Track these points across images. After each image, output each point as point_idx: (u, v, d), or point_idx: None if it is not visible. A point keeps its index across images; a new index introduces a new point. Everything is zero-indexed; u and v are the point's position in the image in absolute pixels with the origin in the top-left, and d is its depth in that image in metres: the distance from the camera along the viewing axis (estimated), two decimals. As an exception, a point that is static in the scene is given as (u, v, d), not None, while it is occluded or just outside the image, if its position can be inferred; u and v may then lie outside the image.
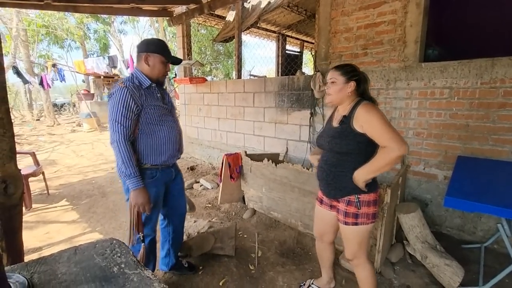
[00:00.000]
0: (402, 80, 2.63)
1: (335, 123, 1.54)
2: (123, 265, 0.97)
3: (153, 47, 1.58)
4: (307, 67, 14.48)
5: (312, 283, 1.97)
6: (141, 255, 1.66)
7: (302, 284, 2.01)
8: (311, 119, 3.39)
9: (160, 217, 1.96)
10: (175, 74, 6.13)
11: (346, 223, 1.52)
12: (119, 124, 1.47)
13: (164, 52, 1.60)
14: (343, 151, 1.46)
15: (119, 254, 1.05)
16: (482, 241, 2.35)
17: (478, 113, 2.29)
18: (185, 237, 2.47)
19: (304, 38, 7.69)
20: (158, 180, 1.67)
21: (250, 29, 6.30)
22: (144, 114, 1.55)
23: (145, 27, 18.77)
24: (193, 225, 2.59)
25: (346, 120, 1.46)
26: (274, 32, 6.93)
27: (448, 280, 1.92)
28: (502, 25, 4.65)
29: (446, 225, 2.57)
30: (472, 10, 4.41)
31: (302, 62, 8.09)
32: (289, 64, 6.25)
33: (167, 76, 1.74)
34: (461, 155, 2.35)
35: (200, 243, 2.34)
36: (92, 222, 3.10)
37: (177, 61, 1.72)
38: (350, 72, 1.48)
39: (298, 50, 8.08)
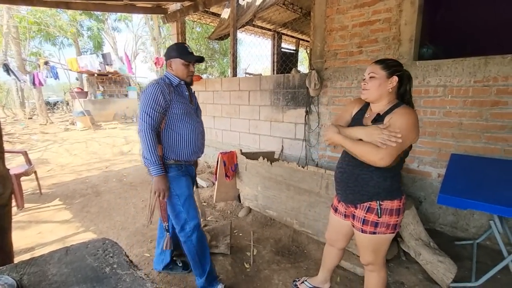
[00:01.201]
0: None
1: (368, 121, 1.41)
2: (115, 266, 0.96)
3: (173, 53, 1.70)
4: (303, 65, 14.48)
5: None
6: (166, 242, 1.84)
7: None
8: (306, 117, 3.39)
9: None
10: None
11: (363, 231, 1.41)
12: (147, 115, 1.58)
13: (183, 55, 1.69)
14: None
15: (111, 255, 1.03)
16: (474, 238, 2.38)
17: (472, 111, 2.31)
18: (180, 236, 2.45)
19: (300, 36, 7.68)
20: (184, 171, 1.77)
21: (245, 27, 6.26)
22: (170, 110, 1.66)
23: (140, 25, 18.56)
24: (188, 224, 2.57)
25: (380, 118, 1.34)
26: (269, 30, 6.90)
27: (441, 277, 1.94)
28: (495, 23, 4.72)
29: (439, 222, 2.59)
30: (466, 9, 4.46)
31: (297, 60, 8.08)
32: (284, 62, 6.24)
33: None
34: (454, 153, 2.37)
35: (195, 242, 2.32)
36: (86, 221, 3.07)
37: (199, 59, 1.77)
38: (393, 66, 1.33)
39: (294, 48, 8.07)
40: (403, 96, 1.39)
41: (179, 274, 2.14)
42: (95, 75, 11.10)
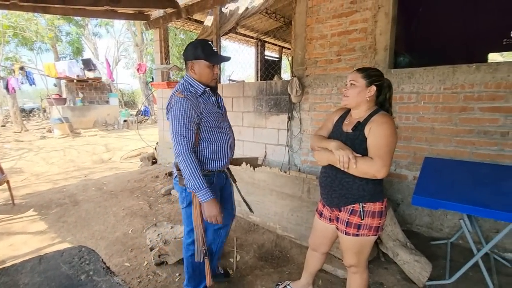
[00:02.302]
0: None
1: (348, 128, 1.46)
2: (91, 273, 0.94)
3: (197, 53, 1.52)
4: (286, 73, 14.73)
5: (289, 285, 1.97)
6: (207, 270, 1.63)
7: (279, 284, 2.02)
8: (289, 123, 3.45)
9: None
10: (152, 78, 6.02)
11: (346, 233, 1.44)
12: (182, 137, 1.45)
13: (208, 56, 1.51)
14: None
15: (87, 262, 1.01)
16: (448, 237, 2.49)
17: (442, 116, 2.45)
18: (161, 244, 2.41)
19: (283, 44, 7.84)
20: (215, 186, 1.65)
21: (228, 34, 6.33)
22: (203, 122, 1.53)
23: (122, 30, 18.30)
24: (169, 231, 2.53)
25: (361, 126, 1.39)
26: (252, 37, 7.01)
27: (417, 276, 2.01)
28: (464, 34, 5.06)
29: (416, 223, 2.69)
30: (438, 22, 4.75)
31: (280, 68, 8.23)
32: (267, 69, 6.34)
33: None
34: (428, 156, 2.48)
35: (177, 249, 2.29)
36: (62, 232, 2.95)
37: (225, 59, 1.66)
38: (373, 76, 1.39)
39: (277, 56, 8.22)
40: (382, 103, 1.46)
41: (218, 282, 2.07)
42: (75, 81, 10.79)
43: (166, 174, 4.74)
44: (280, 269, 2.30)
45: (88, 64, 8.41)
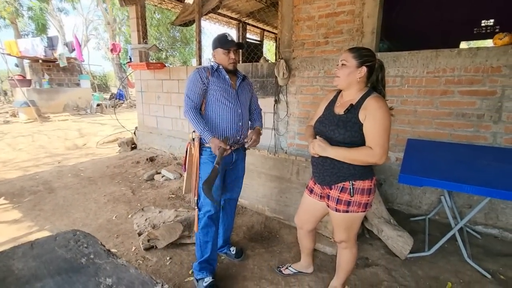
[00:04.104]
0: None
1: (340, 110, 1.45)
2: (92, 256, 0.90)
3: (214, 44, 1.83)
4: (268, 57, 14.58)
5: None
6: (195, 220, 1.88)
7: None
8: (275, 106, 3.44)
9: None
10: (130, 59, 5.69)
11: (337, 210, 1.48)
12: (187, 97, 1.79)
13: (222, 44, 1.79)
14: (346, 142, 1.39)
15: (85, 245, 0.96)
16: (426, 214, 2.66)
17: (425, 99, 2.55)
18: (150, 228, 2.36)
19: (265, 27, 7.69)
20: (216, 157, 1.76)
21: (209, 15, 6.09)
22: (209, 92, 1.80)
23: (91, 7, 16.98)
24: (158, 216, 2.48)
25: (354, 110, 1.39)
26: (234, 19, 6.80)
27: (400, 249, 2.14)
28: (439, 23, 5.25)
29: (397, 201, 2.84)
30: (415, 10, 4.86)
31: (262, 51, 8.11)
32: (249, 53, 6.21)
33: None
34: (410, 138, 2.60)
35: (167, 233, 2.25)
36: (40, 220, 2.79)
37: (239, 45, 1.86)
38: (364, 56, 1.37)
39: (259, 39, 8.07)
40: (375, 85, 1.46)
41: (231, 260, 2.18)
42: (40, 61, 9.95)
43: (147, 159, 4.60)
44: (271, 248, 2.35)
45: (54, 43, 7.73)
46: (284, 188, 2.66)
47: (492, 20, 5.60)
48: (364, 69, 1.38)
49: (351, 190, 1.44)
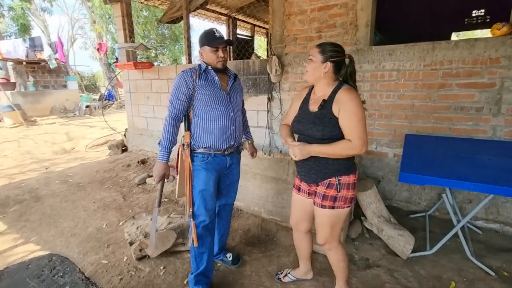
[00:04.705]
0: (355, 63, 2.70)
1: (314, 107, 1.45)
2: (67, 287, 0.79)
3: (201, 42, 1.69)
4: (259, 53, 14.44)
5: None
6: (193, 232, 1.74)
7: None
8: (269, 104, 3.34)
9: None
10: (116, 59, 5.51)
11: (322, 206, 1.48)
12: (170, 104, 1.67)
13: (209, 41, 1.65)
14: (325, 138, 1.39)
15: (61, 274, 0.85)
16: (425, 210, 2.61)
17: (422, 93, 2.48)
18: (141, 237, 2.25)
19: (255, 22, 7.54)
20: (209, 164, 1.72)
21: (198, 11, 5.92)
22: (196, 97, 1.66)
23: (76, 6, 16.49)
24: (150, 223, 2.37)
25: (327, 105, 1.39)
26: (224, 15, 6.64)
27: (401, 249, 2.08)
28: (430, 14, 5.20)
29: (396, 198, 2.79)
30: (406, 1, 4.80)
31: (253, 47, 7.97)
32: (240, 49, 6.06)
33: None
34: (408, 133, 2.53)
35: (160, 242, 2.15)
36: (25, 231, 2.66)
37: (228, 42, 1.73)
38: (329, 51, 1.37)
39: (249, 34, 7.91)
40: (346, 79, 1.44)
41: (228, 267, 2.10)
42: (24, 63, 9.62)
43: (138, 162, 4.46)
44: (268, 253, 2.27)
45: (37, 44, 7.41)
46: (280, 189, 2.58)
47: (482, 10, 5.58)
48: (328, 65, 1.38)
49: (338, 186, 1.43)
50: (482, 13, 5.60)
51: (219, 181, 1.87)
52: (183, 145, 1.72)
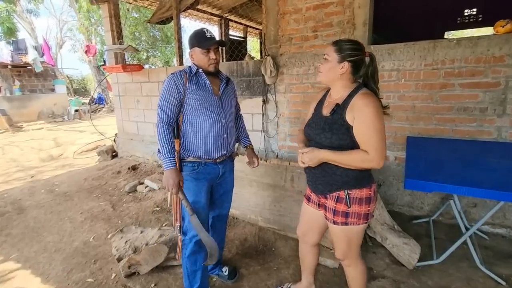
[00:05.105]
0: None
1: (327, 111, 1.31)
2: None
3: (191, 42, 1.58)
4: (252, 54, 14.32)
5: (290, 287, 1.81)
6: (178, 247, 1.67)
7: (278, 287, 1.85)
8: (264, 106, 3.21)
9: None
10: (104, 61, 5.32)
11: (335, 222, 1.33)
12: (160, 109, 1.55)
13: (200, 42, 1.54)
14: (334, 146, 1.25)
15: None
16: (429, 215, 2.51)
17: (423, 94, 2.38)
18: (130, 252, 2.10)
19: (248, 23, 7.43)
20: (199, 173, 1.62)
21: (189, 12, 5.78)
22: (186, 101, 1.55)
23: (64, 8, 16.12)
24: (139, 237, 2.21)
25: (339, 110, 1.25)
26: (215, 15, 6.50)
27: (407, 258, 1.98)
28: (424, 13, 5.17)
29: (397, 203, 2.69)
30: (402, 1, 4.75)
31: (247, 48, 7.85)
32: (233, 50, 5.95)
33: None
34: (409, 136, 2.44)
35: (150, 257, 2.00)
36: (5, 247, 2.47)
37: (220, 43, 1.58)
38: (347, 50, 1.22)
39: (242, 35, 7.79)
40: (366, 80, 1.28)
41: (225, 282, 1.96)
42: (9, 67, 9.31)
43: (129, 168, 4.29)
44: (267, 265, 2.14)
45: (21, 47, 7.14)
46: (278, 196, 2.45)
47: (475, 9, 5.58)
48: (346, 65, 1.23)
49: (347, 200, 1.28)
50: (474, 12, 5.60)
51: (211, 191, 1.75)
52: None
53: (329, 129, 1.26)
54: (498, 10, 3.93)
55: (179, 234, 1.65)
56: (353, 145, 1.23)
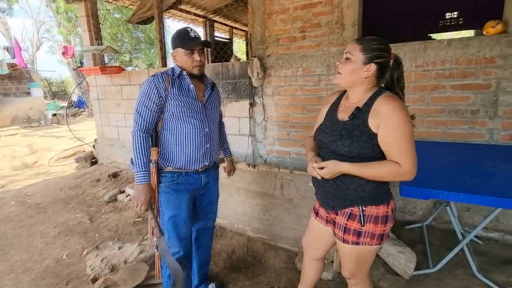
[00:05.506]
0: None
1: (344, 115, 1.15)
2: None
3: (173, 42, 1.46)
4: (238, 55, 14.18)
5: None
6: (156, 265, 1.50)
7: None
8: (251, 110, 3.09)
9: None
10: (81, 63, 5.06)
11: (345, 241, 1.19)
12: (138, 114, 1.41)
13: (183, 42, 1.41)
14: (353, 156, 1.08)
15: None
16: (421, 220, 2.45)
17: (414, 96, 2.33)
18: (107, 271, 1.91)
19: (233, 24, 7.30)
20: (179, 184, 1.48)
21: (172, 12, 5.59)
22: (167, 107, 1.42)
23: (40, 8, 15.45)
24: (117, 254, 2.03)
25: (361, 114, 1.09)
26: (200, 16, 6.34)
27: (403, 268, 1.89)
28: (408, 15, 5.22)
29: (389, 208, 2.61)
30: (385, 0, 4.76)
31: (232, 50, 7.72)
32: (218, 52, 5.81)
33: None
34: (401, 139, 2.37)
35: (129, 276, 1.82)
36: (-35, 269, 2.22)
37: (205, 43, 1.46)
38: (375, 50, 1.07)
39: (228, 37, 7.66)
40: (390, 86, 1.14)
41: None
42: (-20, 69, 8.75)
43: (109, 175, 4.05)
44: (256, 279, 2.00)
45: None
46: (267, 204, 2.32)
47: (456, 13, 5.69)
48: (373, 67, 1.08)
49: (362, 218, 1.13)
50: (456, 16, 5.71)
51: (194, 203, 1.61)
52: (150, 161, 1.45)
53: (348, 135, 1.10)
54: (478, 14, 4.00)
55: (156, 251, 1.49)
56: (373, 155, 1.08)
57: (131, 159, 1.41)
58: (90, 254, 2.06)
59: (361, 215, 1.13)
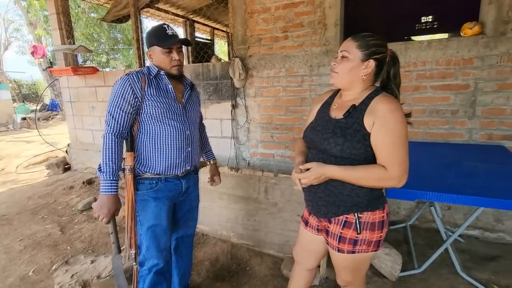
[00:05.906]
0: (325, 65, 2.49)
1: (338, 114, 1.09)
2: None
3: (149, 40, 1.37)
4: (219, 56, 14.04)
5: None
6: (133, 279, 1.41)
7: None
8: (233, 112, 3.00)
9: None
10: (51, 63, 4.77)
11: (340, 250, 1.12)
12: (111, 116, 1.30)
13: (160, 40, 1.32)
14: (344, 156, 1.02)
15: None
16: (405, 220, 2.46)
17: (396, 97, 2.33)
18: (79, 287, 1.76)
19: (214, 25, 7.19)
20: (159, 191, 1.39)
21: (150, 12, 5.41)
22: (144, 109, 1.32)
23: (9, 6, 14.60)
24: (89, 268, 1.87)
25: (356, 112, 1.04)
26: (180, 16, 6.18)
27: (389, 270, 1.87)
28: (386, 18, 5.34)
29: (374, 209, 2.61)
30: (365, 3, 4.84)
31: (214, 50, 7.60)
32: (199, 53, 5.69)
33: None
34: (384, 140, 2.37)
35: (103, 293, 1.68)
36: None
37: (183, 42, 1.38)
38: (372, 46, 1.03)
39: (209, 38, 7.54)
40: (385, 84, 1.11)
41: None
42: None
43: (84, 182, 3.82)
44: (241, 288, 1.91)
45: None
46: (251, 209, 2.25)
47: (431, 17, 5.89)
48: (372, 63, 1.03)
49: (357, 226, 1.06)
50: (430, 19, 5.91)
51: (174, 210, 1.52)
52: (124, 169, 1.34)
53: (341, 134, 1.04)
54: (452, 18, 4.15)
55: (134, 264, 1.39)
56: (366, 156, 1.02)
57: (99, 165, 1.30)
58: (59, 270, 1.89)
59: (357, 222, 1.06)
